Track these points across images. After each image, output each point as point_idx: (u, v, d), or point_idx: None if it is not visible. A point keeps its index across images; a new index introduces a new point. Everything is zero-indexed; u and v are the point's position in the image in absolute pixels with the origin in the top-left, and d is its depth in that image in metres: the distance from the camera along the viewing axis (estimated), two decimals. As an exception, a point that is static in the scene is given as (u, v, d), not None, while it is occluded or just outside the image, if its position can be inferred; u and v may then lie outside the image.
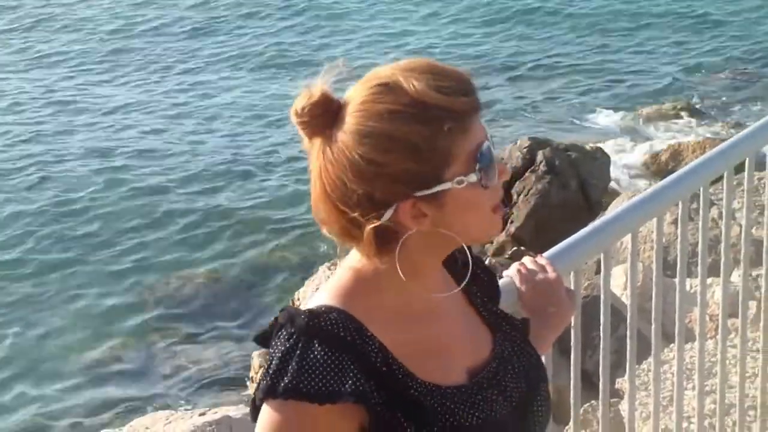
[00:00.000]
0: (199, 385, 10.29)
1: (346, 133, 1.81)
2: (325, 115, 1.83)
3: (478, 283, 2.11)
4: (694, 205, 6.13)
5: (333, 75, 1.86)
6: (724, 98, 17.22)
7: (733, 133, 13.54)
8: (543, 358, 2.19)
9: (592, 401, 5.67)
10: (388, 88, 1.81)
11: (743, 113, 16.45)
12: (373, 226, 1.81)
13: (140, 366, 10.68)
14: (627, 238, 2.90)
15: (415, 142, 1.78)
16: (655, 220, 2.96)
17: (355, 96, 1.83)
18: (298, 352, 1.78)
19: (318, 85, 1.84)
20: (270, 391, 1.78)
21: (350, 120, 1.81)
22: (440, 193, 1.81)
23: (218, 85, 18.86)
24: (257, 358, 9.58)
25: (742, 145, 3.31)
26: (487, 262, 2.37)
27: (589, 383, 3.60)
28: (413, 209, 1.81)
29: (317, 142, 1.84)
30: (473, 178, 1.82)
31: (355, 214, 1.82)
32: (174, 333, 11.20)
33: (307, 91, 1.84)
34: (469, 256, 1.91)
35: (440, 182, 1.80)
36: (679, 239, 3.06)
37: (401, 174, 1.79)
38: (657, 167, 13.31)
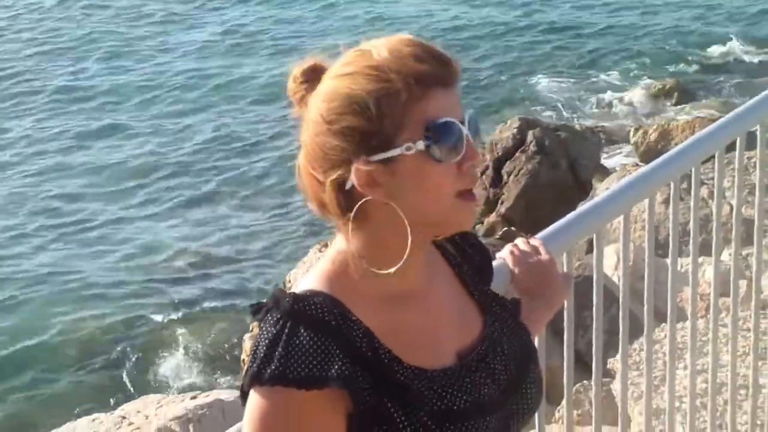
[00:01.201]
0: (190, 368, 10.30)
1: (316, 94, 1.86)
2: (313, 81, 1.88)
3: (469, 262, 2.10)
4: (684, 185, 6.14)
5: (330, 52, 1.90)
6: (713, 78, 17.23)
7: (722, 112, 13.56)
8: (536, 340, 2.19)
9: (584, 381, 5.68)
10: (361, 53, 1.84)
11: (732, 92, 16.47)
12: (331, 178, 1.82)
13: (131, 350, 10.68)
14: (618, 218, 2.90)
15: (363, 99, 1.79)
16: (646, 200, 2.95)
17: (335, 62, 1.87)
18: (284, 338, 1.77)
19: (311, 56, 1.90)
20: (256, 377, 1.77)
21: (322, 82, 1.86)
22: (392, 160, 1.80)
23: (210, 68, 18.82)
24: (249, 340, 9.59)
25: (732, 125, 3.31)
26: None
27: (580, 363, 3.61)
28: (367, 175, 1.81)
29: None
30: (421, 146, 1.80)
31: (320, 176, 1.84)
32: (165, 316, 11.21)
33: (301, 61, 1.90)
34: (409, 234, 1.84)
35: (392, 147, 1.80)
36: (671, 219, 3.06)
37: (348, 131, 1.80)
38: (646, 147, 13.31)
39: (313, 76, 1.88)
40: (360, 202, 1.82)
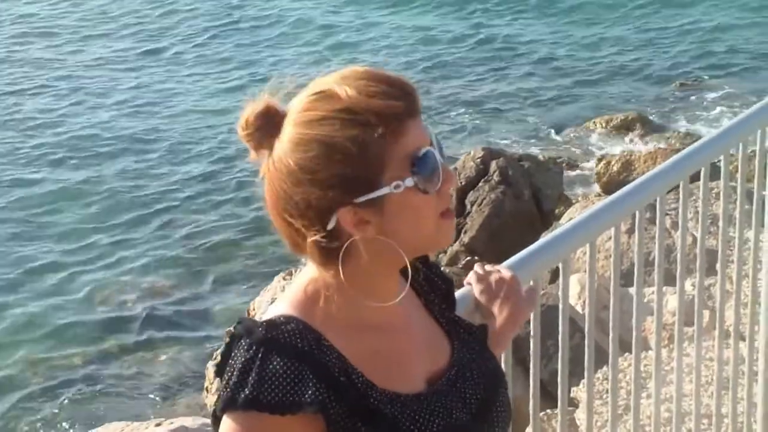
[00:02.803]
0: (154, 395, 10.23)
1: (283, 142, 1.84)
2: (268, 126, 1.86)
3: (436, 291, 2.12)
4: (647, 215, 6.17)
5: (279, 88, 1.88)
6: (675, 108, 17.37)
7: (684, 144, 13.66)
8: (502, 362, 2.21)
9: (547, 410, 5.69)
10: (323, 96, 1.83)
11: (694, 123, 16.61)
12: (313, 238, 1.83)
13: (94, 377, 10.59)
14: (582, 248, 2.92)
15: (346, 146, 1.79)
16: (612, 229, 2.98)
17: (294, 105, 1.86)
18: (257, 363, 1.79)
19: (263, 97, 1.87)
20: (230, 402, 1.79)
21: (287, 129, 1.84)
22: (379, 199, 1.82)
23: (170, 94, 18.76)
24: (212, 368, 9.54)
25: (696, 156, 3.34)
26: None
27: (543, 392, 3.62)
28: (354, 216, 1.82)
29: (264, 153, 1.87)
30: (410, 182, 1.82)
31: (299, 225, 1.84)
32: (128, 343, 11.13)
33: (251, 103, 1.87)
34: (407, 262, 1.89)
35: (377, 187, 1.81)
36: (636, 249, 3.08)
37: (334, 180, 1.80)
38: (609, 177, 13.38)
39: (267, 120, 1.86)
40: (347, 243, 1.84)
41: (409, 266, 1.88)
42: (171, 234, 13.58)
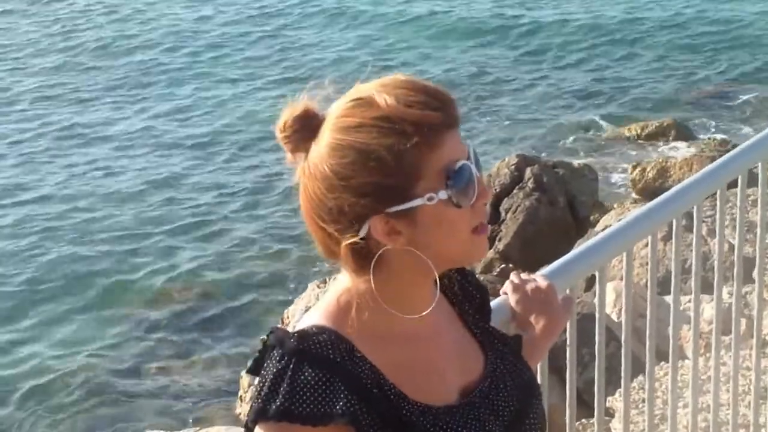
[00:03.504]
0: (189, 403, 10.25)
1: (320, 146, 1.83)
2: (305, 130, 1.85)
3: (470, 300, 2.10)
4: (683, 222, 6.13)
5: (318, 92, 1.88)
6: (710, 115, 17.28)
7: (720, 151, 13.57)
8: (537, 374, 2.18)
9: (583, 419, 5.66)
10: (362, 102, 1.82)
11: (729, 130, 16.51)
12: (347, 242, 1.82)
13: (129, 384, 10.63)
14: (618, 256, 2.90)
15: (381, 155, 1.78)
16: (649, 237, 2.95)
17: (333, 111, 1.85)
18: (289, 374, 1.78)
19: (301, 101, 1.87)
20: (261, 413, 1.78)
21: (325, 134, 1.83)
22: (412, 210, 1.81)
23: (212, 101, 18.82)
24: (247, 376, 9.54)
25: (734, 163, 3.31)
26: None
27: (579, 401, 3.59)
28: (386, 226, 1.81)
29: (301, 157, 1.86)
30: (444, 195, 1.81)
31: (332, 230, 1.83)
32: (164, 351, 11.17)
33: (290, 106, 1.87)
34: (436, 275, 1.87)
35: (411, 198, 1.80)
36: (673, 257, 3.05)
37: (368, 187, 1.80)
38: (644, 184, 13.33)
39: (305, 123, 1.85)
40: (379, 252, 1.83)
41: (437, 279, 1.87)
42: (205, 243, 13.63)
